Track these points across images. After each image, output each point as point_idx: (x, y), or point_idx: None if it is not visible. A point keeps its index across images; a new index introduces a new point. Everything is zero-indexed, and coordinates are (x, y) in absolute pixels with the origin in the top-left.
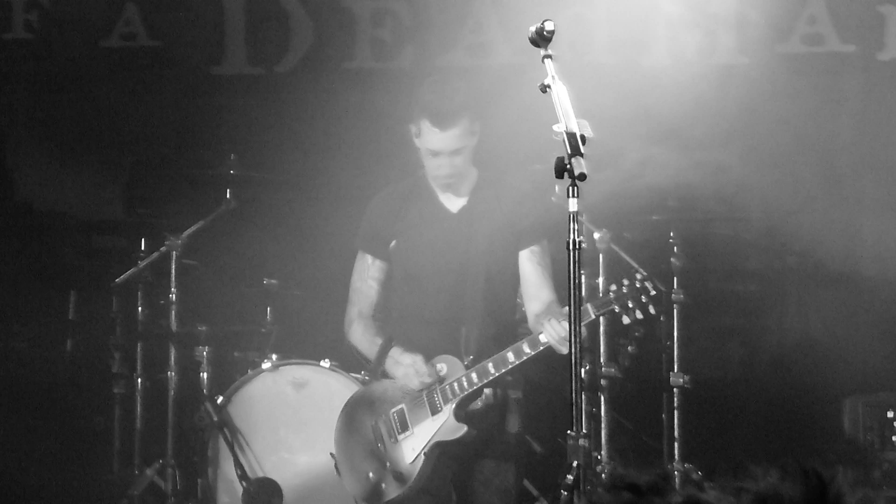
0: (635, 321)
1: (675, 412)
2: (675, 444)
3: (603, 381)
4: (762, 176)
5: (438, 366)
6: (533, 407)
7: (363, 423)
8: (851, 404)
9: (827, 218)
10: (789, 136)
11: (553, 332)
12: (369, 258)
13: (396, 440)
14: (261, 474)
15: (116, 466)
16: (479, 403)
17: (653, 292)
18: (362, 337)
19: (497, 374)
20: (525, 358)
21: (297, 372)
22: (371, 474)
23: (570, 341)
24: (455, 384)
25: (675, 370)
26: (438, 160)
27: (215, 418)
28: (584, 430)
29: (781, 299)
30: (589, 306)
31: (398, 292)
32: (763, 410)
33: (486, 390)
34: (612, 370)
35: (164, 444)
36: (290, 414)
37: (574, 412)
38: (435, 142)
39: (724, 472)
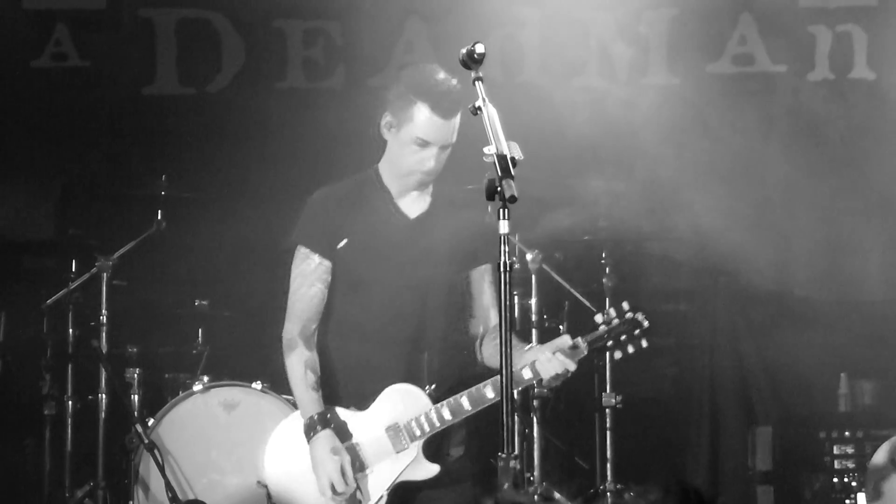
0: (626, 355)
1: (608, 432)
2: (608, 464)
3: (535, 402)
4: (693, 196)
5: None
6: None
7: (306, 460)
8: (783, 423)
9: (757, 237)
10: (720, 155)
11: (559, 367)
12: (316, 258)
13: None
14: (191, 496)
15: (47, 488)
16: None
17: (645, 324)
18: (297, 369)
19: (472, 412)
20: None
21: (229, 394)
22: None
23: (500, 362)
24: (424, 421)
25: (608, 390)
26: (426, 152)
27: (146, 440)
28: (515, 451)
29: (713, 319)
30: (580, 341)
31: (341, 302)
32: (694, 430)
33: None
34: (544, 390)
35: (95, 466)
36: (221, 436)
37: (505, 433)
38: (432, 131)
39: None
